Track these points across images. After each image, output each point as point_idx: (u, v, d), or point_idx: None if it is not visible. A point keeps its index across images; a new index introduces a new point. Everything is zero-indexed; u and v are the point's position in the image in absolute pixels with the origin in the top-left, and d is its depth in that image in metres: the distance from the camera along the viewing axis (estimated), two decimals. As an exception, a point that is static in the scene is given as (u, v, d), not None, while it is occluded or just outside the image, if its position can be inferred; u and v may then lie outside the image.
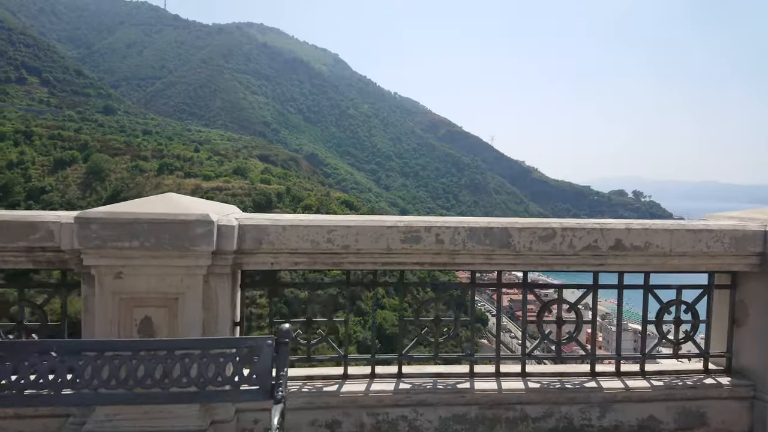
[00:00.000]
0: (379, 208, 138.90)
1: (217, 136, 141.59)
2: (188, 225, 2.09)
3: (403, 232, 2.36)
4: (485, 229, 2.43)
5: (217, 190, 67.74)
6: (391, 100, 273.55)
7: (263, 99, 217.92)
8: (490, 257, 2.47)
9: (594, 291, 2.71)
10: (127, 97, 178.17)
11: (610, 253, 2.54)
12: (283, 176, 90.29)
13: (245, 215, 2.39)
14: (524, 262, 2.52)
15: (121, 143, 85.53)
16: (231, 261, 2.28)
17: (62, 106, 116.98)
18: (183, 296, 2.17)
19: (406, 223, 2.38)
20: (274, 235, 2.29)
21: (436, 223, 2.40)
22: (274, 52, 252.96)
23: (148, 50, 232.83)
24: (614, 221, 2.63)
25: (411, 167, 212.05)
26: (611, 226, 2.55)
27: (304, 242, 2.31)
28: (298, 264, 2.38)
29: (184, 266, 2.15)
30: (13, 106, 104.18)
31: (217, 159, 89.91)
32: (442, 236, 2.38)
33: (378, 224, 2.36)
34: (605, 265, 2.59)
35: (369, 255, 2.38)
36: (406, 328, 2.69)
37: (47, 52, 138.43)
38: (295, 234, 2.30)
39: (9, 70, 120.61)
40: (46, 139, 77.10)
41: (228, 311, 2.34)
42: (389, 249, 2.36)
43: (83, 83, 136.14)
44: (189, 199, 2.40)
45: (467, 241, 2.40)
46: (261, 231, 2.29)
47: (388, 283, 2.73)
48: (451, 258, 2.45)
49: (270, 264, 2.36)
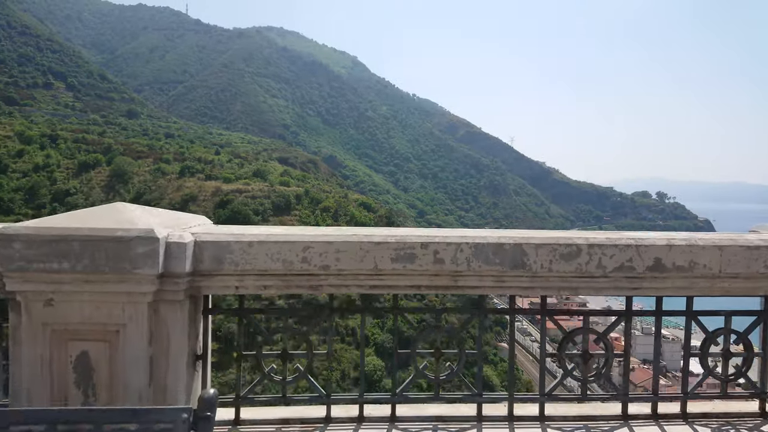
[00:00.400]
0: (398, 210, 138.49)
1: (238, 139, 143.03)
2: (128, 243, 1.74)
3: (394, 249, 1.97)
4: (494, 245, 2.02)
5: (237, 192, 68.27)
6: (409, 102, 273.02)
7: (283, 102, 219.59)
8: (500, 279, 2.06)
9: (627, 318, 2.27)
10: (149, 100, 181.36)
11: (648, 275, 2.11)
12: (302, 178, 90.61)
13: (205, 229, 2.00)
14: (542, 286, 2.11)
15: (144, 146, 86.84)
16: (185, 285, 1.91)
17: (87, 110, 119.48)
18: (125, 328, 1.83)
19: (398, 239, 1.99)
20: (238, 254, 1.93)
21: (434, 239, 2.01)
22: (293, 55, 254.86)
23: (171, 55, 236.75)
24: (652, 235, 2.18)
25: (430, 169, 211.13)
26: (649, 241, 2.11)
27: (275, 261, 1.94)
28: (267, 287, 2.01)
29: (125, 292, 1.81)
30: (40, 111, 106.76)
31: (237, 161, 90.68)
32: (442, 254, 1.99)
33: (364, 239, 1.98)
34: (641, 288, 2.16)
35: (353, 276, 2.00)
36: (401, 362, 2.27)
37: (73, 57, 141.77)
38: (264, 252, 1.93)
39: (36, 75, 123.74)
40: (71, 142, 78.70)
41: (184, 344, 1.96)
42: (378, 270, 1.98)
43: (107, 87, 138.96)
44: (142, 211, 1.98)
45: (472, 260, 2.01)
46: (222, 248, 1.92)
47: (380, 309, 2.36)
48: (453, 280, 2.06)
49: (234, 288, 1.99)
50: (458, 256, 2.01)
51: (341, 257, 1.96)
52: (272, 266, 1.94)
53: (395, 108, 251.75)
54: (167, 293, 1.88)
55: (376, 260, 1.98)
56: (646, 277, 2.12)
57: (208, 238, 1.93)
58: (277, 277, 1.99)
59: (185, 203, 66.17)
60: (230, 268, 1.93)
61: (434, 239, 2.01)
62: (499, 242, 2.03)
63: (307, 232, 2.00)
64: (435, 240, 2.01)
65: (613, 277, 2.10)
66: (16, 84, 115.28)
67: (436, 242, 2.00)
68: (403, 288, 2.07)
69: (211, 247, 1.92)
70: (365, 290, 2.07)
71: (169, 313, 1.91)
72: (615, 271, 2.09)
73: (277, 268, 1.95)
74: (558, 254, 2.05)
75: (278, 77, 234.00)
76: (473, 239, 2.03)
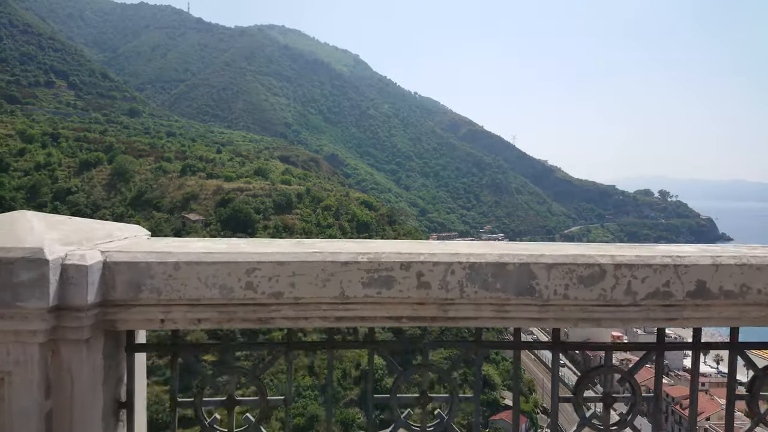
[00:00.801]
0: (399, 209, 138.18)
1: (240, 138, 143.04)
2: (8, 267, 1.35)
3: (366, 270, 1.55)
4: (495, 265, 1.59)
5: (238, 191, 68.10)
6: (411, 100, 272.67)
7: (284, 100, 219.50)
8: (502, 309, 1.64)
9: (659, 354, 1.81)
10: (151, 99, 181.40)
11: (688, 302, 1.70)
12: (303, 177, 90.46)
13: (124, 246, 1.58)
14: (556, 317, 1.69)
15: (146, 145, 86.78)
16: (92, 319, 1.49)
17: (89, 109, 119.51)
18: (10, 376, 1.41)
19: (372, 257, 1.56)
20: (161, 278, 1.50)
21: (418, 257, 1.58)
22: (295, 53, 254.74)
23: (172, 53, 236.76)
24: (691, 251, 1.77)
25: (431, 167, 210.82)
26: (690, 260, 1.70)
27: (210, 288, 1.51)
28: (202, 321, 1.57)
29: (11, 331, 1.40)
30: (42, 109, 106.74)
31: (238, 160, 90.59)
32: (428, 277, 1.57)
33: (327, 258, 1.55)
34: (679, 319, 1.75)
35: (315, 306, 1.58)
36: (379, 408, 1.88)
37: (74, 55, 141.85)
38: (195, 275, 1.50)
39: (38, 74, 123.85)
40: (73, 141, 78.67)
41: (96, 391, 1.55)
42: (345, 297, 1.56)
43: (109, 86, 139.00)
44: (43, 223, 1.56)
45: (467, 285, 1.58)
46: (140, 272, 1.48)
47: (351, 343, 1.89)
48: (442, 310, 1.63)
49: (159, 321, 1.56)
50: (448, 279, 1.59)
51: (298, 282, 1.54)
52: (206, 294, 1.52)
53: (397, 106, 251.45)
54: (68, 330, 1.46)
55: (342, 285, 1.56)
56: (686, 305, 1.71)
57: (122, 257, 1.49)
58: (213, 308, 1.55)
59: (186, 202, 66.04)
60: (151, 296, 1.50)
61: (418, 258, 1.59)
62: (500, 261, 1.61)
63: (256, 248, 1.60)
64: (419, 259, 1.58)
65: (646, 305, 1.69)
66: (18, 82, 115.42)
67: (420, 262, 1.57)
68: (378, 320, 1.66)
69: (125, 269, 1.48)
70: (330, 323, 1.63)
71: (73, 354, 1.49)
72: (648, 298, 1.68)
73: (214, 297, 1.52)
74: (576, 277, 1.64)
75: (280, 75, 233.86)
76: (468, 257, 1.61)
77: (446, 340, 1.86)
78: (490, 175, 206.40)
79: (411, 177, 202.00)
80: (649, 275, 1.66)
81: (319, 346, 1.76)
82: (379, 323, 1.67)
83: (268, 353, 1.76)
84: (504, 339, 25.59)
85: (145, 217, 62.22)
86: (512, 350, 1.82)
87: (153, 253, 1.52)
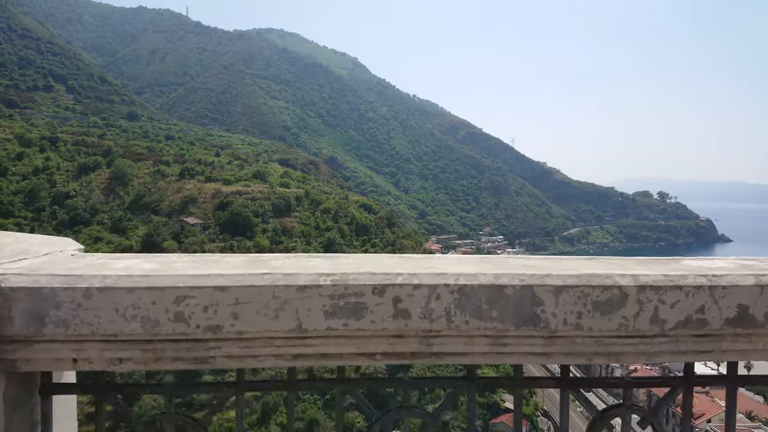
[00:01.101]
0: (399, 211, 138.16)
1: (238, 141, 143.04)
2: None
3: (330, 296, 1.24)
4: (490, 288, 1.28)
5: (237, 194, 68.01)
6: (409, 103, 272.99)
7: (283, 103, 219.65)
8: (499, 342, 1.34)
9: (686, 390, 1.50)
10: (150, 103, 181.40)
11: (727, 332, 1.37)
12: (302, 180, 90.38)
13: (26, 267, 1.24)
14: (566, 351, 1.38)
15: (144, 148, 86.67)
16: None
17: (87, 113, 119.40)
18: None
19: (336, 279, 1.24)
20: (68, 308, 1.17)
21: (395, 278, 1.26)
22: (294, 57, 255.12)
23: (171, 57, 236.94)
24: (728, 267, 1.46)
25: (430, 169, 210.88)
26: (728, 279, 1.37)
27: (130, 320, 1.18)
28: (123, 361, 1.25)
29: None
30: (40, 113, 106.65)
31: (237, 163, 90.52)
32: (407, 303, 1.26)
33: (280, 282, 1.22)
34: (716, 352, 1.42)
35: (265, 342, 1.26)
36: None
37: (73, 60, 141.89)
38: (111, 304, 1.18)
39: (37, 78, 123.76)
40: (71, 145, 78.55)
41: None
42: (303, 330, 1.24)
43: (108, 90, 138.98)
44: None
45: (455, 313, 1.27)
46: (43, 300, 1.16)
47: (317, 382, 1.56)
48: (426, 344, 1.32)
49: (72, 361, 1.24)
50: (433, 306, 1.26)
51: (242, 312, 1.22)
52: (125, 328, 1.19)
53: (396, 109, 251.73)
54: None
55: (300, 315, 1.23)
56: (724, 335, 1.38)
57: (20, 282, 1.16)
58: (135, 345, 1.23)
59: (185, 205, 65.94)
60: (57, 331, 1.17)
61: (395, 280, 1.26)
62: (496, 283, 1.28)
63: (192, 268, 1.27)
64: (396, 281, 1.25)
65: (675, 335, 1.38)
66: (16, 87, 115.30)
67: (397, 285, 1.25)
68: (345, 357, 1.33)
69: (24, 297, 1.15)
70: (285, 362, 1.32)
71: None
72: (678, 328, 1.36)
73: (135, 331, 1.19)
74: (591, 302, 1.31)
75: (279, 79, 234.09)
76: (456, 279, 1.28)
77: (432, 377, 1.53)
78: (489, 177, 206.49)
79: (410, 179, 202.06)
80: (679, 299, 1.35)
81: (278, 385, 1.44)
82: (346, 361, 1.34)
83: (214, 396, 1.47)
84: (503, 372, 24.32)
85: (144, 221, 62.13)
86: (511, 389, 1.52)
87: (59, 276, 1.20)
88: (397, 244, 74.27)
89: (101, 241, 57.16)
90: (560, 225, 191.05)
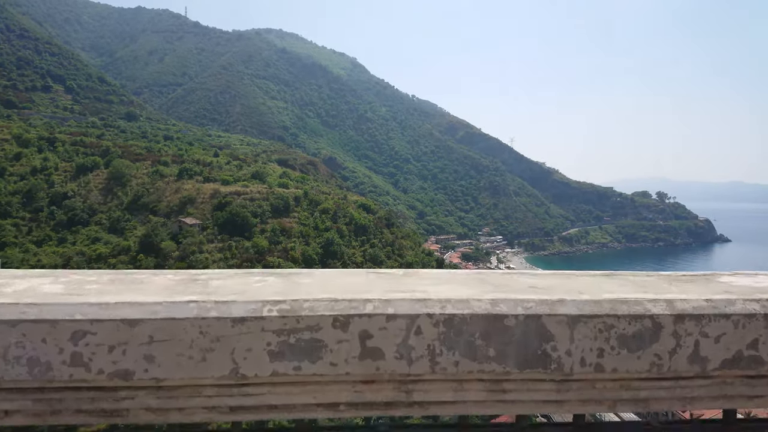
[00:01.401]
0: (398, 211, 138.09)
1: (237, 141, 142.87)
2: None
3: (276, 330, 0.97)
4: (486, 318, 0.99)
5: (235, 195, 67.90)
6: (408, 103, 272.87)
7: (282, 104, 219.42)
8: (498, 388, 1.05)
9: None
10: (149, 103, 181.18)
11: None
12: (301, 180, 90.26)
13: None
14: (583, 398, 1.08)
15: (142, 149, 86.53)
16: None
17: (86, 113, 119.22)
18: None
19: (287, 308, 0.95)
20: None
21: (363, 306, 0.97)
22: (292, 57, 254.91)
23: (170, 57, 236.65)
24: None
25: (429, 170, 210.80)
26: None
27: (14, 363, 0.94)
28: (10, 413, 0.99)
29: None
30: (39, 114, 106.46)
31: (236, 163, 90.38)
32: (379, 339, 0.99)
33: (209, 313, 0.97)
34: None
35: (192, 391, 1.00)
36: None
37: (71, 60, 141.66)
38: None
39: (35, 78, 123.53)
40: (69, 145, 78.40)
41: None
42: (241, 377, 0.98)
43: (106, 90, 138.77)
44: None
45: (441, 351, 1.01)
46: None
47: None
48: (404, 391, 1.02)
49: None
50: (412, 342, 1.00)
51: (159, 353, 0.95)
52: (9, 372, 0.94)
53: (395, 109, 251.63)
54: None
55: (236, 357, 0.97)
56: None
57: None
58: (23, 395, 0.98)
59: (183, 206, 65.84)
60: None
61: (362, 308, 0.99)
62: (494, 312, 1.02)
63: (97, 296, 1.00)
64: (364, 310, 0.99)
65: (720, 377, 1.10)
66: (14, 87, 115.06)
67: (365, 315, 0.98)
68: (299, 409, 1.04)
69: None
70: (221, 415, 1.03)
71: None
72: (725, 367, 1.09)
73: (21, 377, 0.94)
74: (615, 336, 1.02)
75: (277, 79, 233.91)
76: (443, 305, 1.02)
77: (416, 424, 1.21)
78: (488, 178, 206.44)
79: (409, 180, 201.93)
80: (726, 331, 1.07)
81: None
82: (300, 414, 1.03)
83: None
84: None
85: (142, 221, 62.02)
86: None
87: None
88: (396, 245, 74.20)
89: (99, 241, 57.05)
90: (559, 225, 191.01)
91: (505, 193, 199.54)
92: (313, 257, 58.97)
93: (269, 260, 54.37)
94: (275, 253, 56.96)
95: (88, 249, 54.77)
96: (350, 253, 65.58)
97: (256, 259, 54.65)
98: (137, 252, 53.78)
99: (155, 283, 1.06)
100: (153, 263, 51.99)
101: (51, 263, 49.95)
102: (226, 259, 53.95)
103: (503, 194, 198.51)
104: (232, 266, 53.18)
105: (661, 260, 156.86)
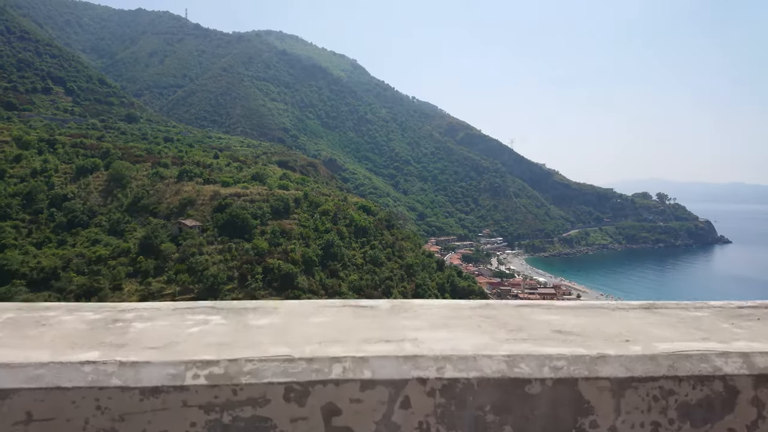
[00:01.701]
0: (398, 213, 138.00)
1: (237, 143, 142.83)
2: None
3: (204, 406, 0.69)
4: (499, 383, 0.71)
5: (235, 196, 67.83)
6: (408, 105, 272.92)
7: (282, 105, 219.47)
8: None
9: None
10: (149, 105, 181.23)
11: None
12: (301, 182, 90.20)
13: None
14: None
15: (142, 150, 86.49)
16: None
17: (86, 115, 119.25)
18: None
19: (219, 374, 0.71)
20: None
21: (329, 368, 0.72)
22: (293, 59, 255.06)
23: (170, 59, 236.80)
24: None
25: (429, 171, 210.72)
26: None
27: None
28: None
29: None
30: (39, 116, 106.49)
31: (236, 165, 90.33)
32: (348, 415, 0.70)
33: (112, 381, 0.71)
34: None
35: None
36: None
37: (72, 62, 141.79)
38: None
39: (36, 80, 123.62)
40: (69, 147, 78.35)
41: None
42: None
43: (106, 92, 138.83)
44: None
45: (438, 430, 0.73)
46: None
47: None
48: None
49: None
50: (396, 419, 0.72)
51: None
52: None
53: (395, 111, 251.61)
54: None
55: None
56: None
57: None
58: None
59: (183, 207, 65.78)
60: None
61: (327, 370, 0.70)
62: (512, 375, 0.72)
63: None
64: (330, 374, 0.70)
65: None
66: (15, 89, 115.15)
67: (331, 381, 0.70)
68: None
69: None
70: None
71: None
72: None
73: None
74: (676, 405, 0.73)
75: (278, 81, 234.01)
76: (440, 365, 0.72)
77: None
78: (488, 179, 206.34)
79: (409, 181, 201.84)
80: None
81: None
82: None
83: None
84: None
85: (142, 223, 61.96)
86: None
87: None
88: (396, 246, 74.12)
89: (99, 243, 56.99)
90: (559, 226, 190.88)
91: (505, 194, 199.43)
92: (314, 259, 58.90)
93: (269, 262, 54.32)
94: (275, 254, 56.90)
95: (88, 251, 54.71)
96: (350, 255, 65.53)
97: (256, 260, 54.60)
98: (137, 254, 53.74)
99: (62, 327, 0.80)
100: (153, 265, 51.96)
101: (51, 265, 49.94)
102: (226, 261, 53.91)
103: (503, 196, 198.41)
104: (232, 268, 53.21)
105: (661, 261, 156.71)
